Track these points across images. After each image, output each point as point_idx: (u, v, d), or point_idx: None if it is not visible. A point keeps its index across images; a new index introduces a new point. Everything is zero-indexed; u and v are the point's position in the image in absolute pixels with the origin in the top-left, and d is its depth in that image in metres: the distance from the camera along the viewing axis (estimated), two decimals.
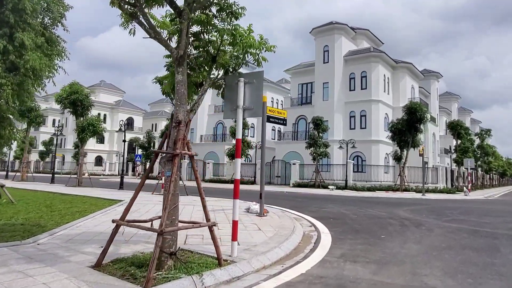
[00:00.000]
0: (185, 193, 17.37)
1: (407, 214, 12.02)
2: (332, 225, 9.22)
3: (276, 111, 10.69)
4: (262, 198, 10.05)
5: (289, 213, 11.54)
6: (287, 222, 8.80)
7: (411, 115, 27.43)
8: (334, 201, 17.36)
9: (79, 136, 22.03)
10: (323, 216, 10.99)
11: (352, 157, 33.18)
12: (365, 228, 8.72)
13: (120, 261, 4.68)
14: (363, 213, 11.91)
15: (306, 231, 8.35)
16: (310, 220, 10.10)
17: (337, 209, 13.26)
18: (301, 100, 38.19)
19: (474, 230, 8.79)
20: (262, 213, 9.96)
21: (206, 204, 4.91)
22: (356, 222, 9.82)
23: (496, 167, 59.55)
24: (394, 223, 9.73)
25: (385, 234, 7.96)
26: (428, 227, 9.02)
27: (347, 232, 8.13)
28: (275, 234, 7.13)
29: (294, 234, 7.36)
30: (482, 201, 21.42)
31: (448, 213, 12.58)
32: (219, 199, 15.98)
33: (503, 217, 12.03)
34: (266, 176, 35.41)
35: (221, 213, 10.12)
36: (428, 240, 7.33)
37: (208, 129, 44.88)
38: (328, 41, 35.16)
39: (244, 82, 5.46)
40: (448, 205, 16.87)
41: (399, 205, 15.50)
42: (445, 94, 66.15)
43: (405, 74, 36.86)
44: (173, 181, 4.30)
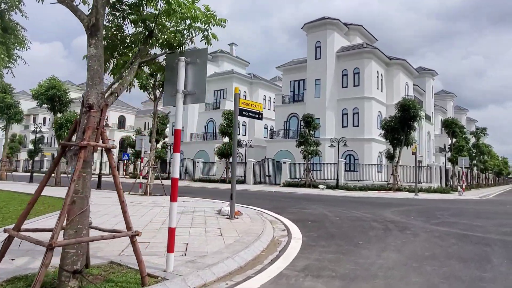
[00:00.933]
0: (163, 193, 16.50)
1: (394, 216, 11.15)
2: (308, 229, 8.34)
3: (250, 103, 9.78)
4: (233, 199, 9.15)
5: (267, 215, 10.68)
6: (257, 226, 7.91)
7: (404, 112, 26.59)
8: (320, 201, 16.49)
9: (57, 133, 21.03)
10: (302, 218, 10.11)
11: (344, 155, 32.37)
12: (343, 233, 7.84)
13: (19, 279, 3.76)
14: (347, 215, 11.04)
15: (276, 236, 7.47)
16: (286, 223, 9.22)
17: (320, 210, 12.38)
18: (293, 98, 37.30)
19: (464, 234, 7.93)
20: (232, 216, 9.06)
21: (127, 209, 3.98)
22: (336, 225, 8.95)
23: (491, 166, 58.95)
24: (377, 226, 8.85)
25: (364, 240, 7.09)
26: (413, 232, 8.15)
27: (321, 238, 7.24)
28: (236, 241, 6.23)
29: (259, 240, 6.47)
30: (476, 201, 20.62)
31: (438, 215, 11.72)
32: (199, 199, 15.09)
33: (497, 219, 11.19)
34: (256, 175, 34.57)
35: (189, 216, 9.21)
36: (411, 247, 6.46)
37: (199, 127, 43.94)
38: (320, 36, 34.29)
39: (185, 62, 4.54)
40: (440, 205, 16.04)
41: (388, 206, 14.65)
42: (441, 92, 65.45)
43: (399, 71, 36.04)
44: (74, 180, 3.38)
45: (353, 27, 37.41)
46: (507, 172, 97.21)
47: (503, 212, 13.81)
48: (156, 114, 17.10)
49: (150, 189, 16.24)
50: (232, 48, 50.41)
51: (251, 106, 9.79)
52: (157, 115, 17.15)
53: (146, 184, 16.10)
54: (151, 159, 16.56)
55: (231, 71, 43.73)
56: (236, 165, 9.42)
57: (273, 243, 6.74)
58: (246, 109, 9.64)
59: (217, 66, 46.88)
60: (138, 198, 14.59)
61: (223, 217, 9.21)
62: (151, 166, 16.39)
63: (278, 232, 7.91)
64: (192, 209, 10.74)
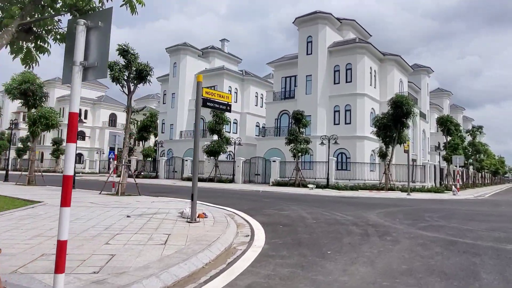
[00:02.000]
0: (137, 193, 15.48)
1: (378, 218, 10.17)
2: (276, 234, 7.35)
3: (216, 94, 8.75)
4: (194, 200, 8.14)
5: (238, 217, 9.70)
6: (216, 232, 6.90)
7: (397, 109, 25.63)
8: (305, 201, 15.50)
9: (30, 129, 19.96)
10: (274, 221, 9.12)
11: (336, 154, 31.40)
12: (314, 240, 6.84)
13: None
14: (326, 218, 10.04)
15: (236, 243, 6.48)
16: (254, 226, 8.24)
17: (299, 212, 11.39)
18: (284, 94, 36.27)
19: (451, 241, 6.94)
20: (193, 219, 8.05)
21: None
22: (309, 230, 7.95)
23: (488, 165, 58.17)
24: (355, 231, 7.86)
25: (334, 248, 6.09)
26: (394, 238, 7.16)
27: (286, 246, 6.24)
28: (177, 251, 5.22)
29: (208, 250, 5.47)
30: (471, 202, 19.69)
31: (427, 217, 10.74)
32: (173, 199, 14.07)
33: (490, 222, 10.22)
34: (246, 174, 33.58)
35: (144, 219, 8.18)
36: (387, 258, 5.46)
37: (189, 124, 42.85)
38: (312, 31, 33.27)
39: (85, 25, 3.51)
40: (432, 206, 15.07)
41: (375, 207, 13.67)
42: (437, 90, 64.63)
43: (393, 67, 35.06)
44: None
45: (346, 22, 36.40)
46: (503, 172, 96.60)
47: (497, 213, 12.85)
48: (130, 108, 16.06)
49: (123, 188, 15.22)
50: (224, 44, 49.31)
51: (218, 96, 8.76)
52: (131, 110, 16.10)
53: (118, 183, 15.08)
54: (124, 156, 15.52)
55: (222, 68, 42.67)
56: (198, 161, 8.41)
57: (227, 253, 5.75)
58: (212, 100, 8.61)
59: (208, 63, 45.80)
60: (107, 198, 13.56)
61: (183, 220, 8.21)
62: (123, 164, 15.36)
63: (240, 238, 6.91)
64: (155, 211, 9.72)
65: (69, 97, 3.48)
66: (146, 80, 15.72)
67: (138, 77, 15.69)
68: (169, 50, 43.51)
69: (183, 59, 42.49)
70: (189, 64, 43.02)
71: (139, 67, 15.36)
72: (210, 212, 9.96)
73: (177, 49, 42.72)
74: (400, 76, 36.95)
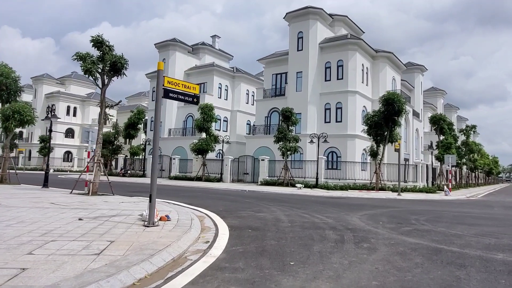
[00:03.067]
0: (111, 192, 14.63)
1: (360, 221, 9.39)
2: (241, 240, 6.55)
3: (181, 84, 7.91)
4: (152, 202, 7.30)
5: (207, 220, 8.91)
6: (170, 238, 6.08)
7: (388, 106, 24.92)
8: (288, 202, 14.72)
9: (3, 125, 19.00)
10: (245, 225, 8.32)
11: (327, 153, 30.68)
12: (280, 247, 6.04)
13: None
14: (303, 221, 9.25)
15: (190, 251, 5.68)
16: (220, 231, 7.44)
17: (277, 213, 10.59)
18: (274, 92, 35.48)
19: (435, 249, 6.17)
20: (150, 222, 7.22)
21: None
22: (279, 235, 7.15)
23: (481, 165, 57.72)
24: (330, 237, 7.07)
25: (300, 258, 5.29)
26: (372, 245, 6.38)
27: (245, 255, 5.44)
28: (108, 264, 4.39)
29: (148, 261, 4.65)
30: (462, 202, 19.01)
31: (413, 220, 9.98)
32: (145, 200, 13.20)
33: (481, 225, 9.48)
34: (234, 173, 32.77)
35: (97, 222, 7.34)
36: (356, 272, 4.67)
37: (178, 122, 41.93)
38: (303, 27, 32.47)
39: None
40: (420, 207, 14.35)
41: (361, 208, 12.92)
42: (431, 89, 64.16)
43: (386, 64, 34.36)
44: None
45: (337, 17, 35.65)
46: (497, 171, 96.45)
47: (488, 216, 12.13)
48: (104, 103, 15.18)
49: (95, 187, 14.36)
50: (215, 40, 48.37)
51: (183, 87, 7.92)
52: (105, 104, 15.22)
53: (90, 182, 14.21)
54: (96, 153, 14.64)
55: (212, 64, 41.77)
56: (157, 159, 7.58)
57: (173, 264, 4.93)
58: (175, 91, 7.77)
59: (198, 59, 44.87)
60: (75, 198, 12.70)
61: (141, 224, 7.38)
62: (96, 161, 14.49)
63: (197, 245, 6.10)
64: (116, 213, 8.88)
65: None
66: (121, 73, 14.85)
67: (112, 70, 14.82)
68: (158, 46, 42.55)
69: (172, 55, 41.54)
70: (179, 61, 42.09)
71: (112, 59, 14.48)
72: (178, 214, 9.15)
73: (166, 45, 41.77)
74: (393, 74, 36.27)
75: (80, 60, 14.57)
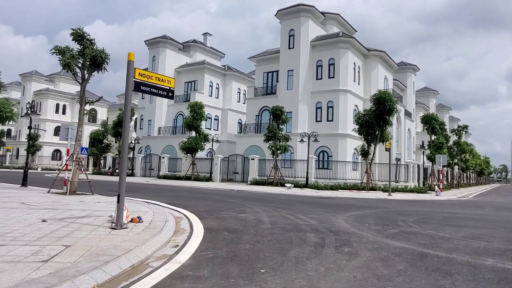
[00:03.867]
0: (90, 191, 14.09)
1: (345, 223, 8.97)
2: (213, 244, 6.09)
3: (154, 76, 7.42)
4: (121, 202, 6.81)
5: (184, 222, 8.44)
6: (135, 242, 5.60)
7: (380, 105, 24.58)
8: (274, 202, 14.28)
9: None
10: (223, 227, 7.86)
11: (318, 152, 30.31)
12: (254, 252, 5.58)
13: None
14: (286, 222, 8.81)
15: (155, 256, 5.20)
16: (194, 233, 6.99)
17: (260, 214, 10.14)
18: (265, 90, 35.02)
19: (421, 254, 5.75)
20: (118, 224, 6.73)
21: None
22: (256, 238, 6.69)
23: (473, 165, 57.80)
24: (310, 240, 6.63)
25: (273, 264, 4.84)
26: (353, 249, 5.95)
27: (214, 261, 4.97)
28: (52, 273, 3.90)
29: (101, 269, 4.17)
30: (453, 203, 18.71)
31: (400, 222, 9.59)
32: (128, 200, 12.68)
33: (470, 227, 9.10)
34: (224, 172, 32.28)
35: (63, 223, 6.83)
36: (332, 281, 4.23)
37: (168, 120, 41.32)
38: (294, 24, 32.05)
39: None
40: (410, 208, 13.98)
41: (348, 209, 12.52)
42: (423, 89, 64.18)
43: (378, 63, 34.06)
44: None
45: (330, 15, 35.29)
46: (488, 172, 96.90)
47: (478, 217, 11.78)
48: (84, 98, 14.62)
49: (73, 187, 13.80)
50: (206, 38, 47.80)
51: (156, 80, 7.43)
52: (84, 100, 14.64)
53: (68, 181, 13.65)
54: (75, 151, 14.08)
55: (203, 62, 41.20)
56: (126, 158, 7.09)
57: (130, 272, 4.45)
58: (147, 84, 7.28)
59: (189, 57, 44.27)
60: (51, 197, 12.15)
61: (108, 226, 6.89)
62: (74, 159, 13.93)
63: (165, 250, 5.63)
64: (86, 214, 8.37)
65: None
66: (101, 68, 14.29)
67: (93, 64, 14.26)
68: (148, 43, 41.89)
69: (163, 52, 40.92)
70: (169, 58, 41.47)
71: (92, 53, 13.91)
72: (154, 215, 8.66)
73: (156, 41, 41.13)
74: (385, 73, 36.00)
75: (59, 54, 14.00)
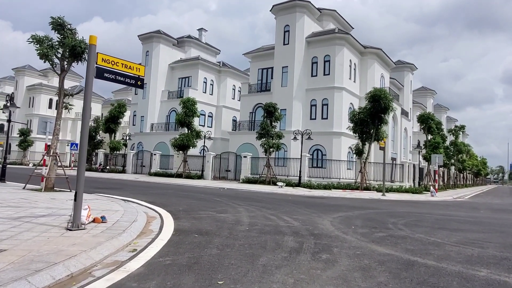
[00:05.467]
0: (67, 188, 13.44)
1: (330, 225, 8.35)
2: (177, 248, 5.46)
3: (120, 63, 6.76)
4: (78, 201, 6.17)
5: (156, 222, 7.81)
6: (85, 246, 4.97)
7: (375, 103, 23.98)
8: (261, 202, 13.65)
9: None
10: (196, 228, 7.23)
11: (312, 150, 29.71)
12: (219, 258, 4.95)
13: None
14: (266, 224, 8.19)
15: (104, 263, 4.56)
16: (161, 236, 6.38)
17: (241, 214, 9.51)
18: (260, 87, 34.37)
19: (407, 262, 5.13)
20: (75, 225, 6.09)
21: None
22: (227, 242, 6.06)
23: (470, 166, 57.32)
24: (287, 245, 6.01)
25: (235, 274, 4.21)
26: (332, 256, 5.32)
27: (168, 269, 4.34)
28: None
29: (25, 280, 3.53)
30: (448, 204, 18.14)
31: (390, 224, 8.98)
32: (100, 197, 12.04)
33: (464, 231, 8.50)
34: (216, 170, 31.64)
35: (14, 223, 6.18)
36: None
37: (161, 117, 40.61)
38: (289, 20, 31.39)
39: None
40: (403, 209, 13.39)
41: (337, 209, 11.90)
42: (421, 89, 63.65)
43: (374, 61, 33.44)
44: None
45: (326, 12, 34.63)
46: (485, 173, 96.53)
47: (474, 220, 11.18)
48: (62, 91, 13.95)
49: (50, 183, 13.15)
50: (201, 33, 47.05)
51: (123, 67, 6.77)
52: (63, 92, 13.96)
53: (45, 177, 13.00)
54: (52, 145, 13.41)
55: (197, 57, 40.49)
56: (85, 150, 6.44)
57: (67, 282, 3.82)
58: (112, 70, 6.62)
59: (183, 53, 43.54)
60: (23, 194, 11.51)
61: (64, 226, 6.25)
62: (51, 154, 13.27)
63: (119, 255, 4.99)
64: (48, 213, 7.73)
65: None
66: (81, 58, 13.61)
67: (72, 55, 13.58)
68: (141, 38, 41.14)
69: (156, 47, 40.20)
70: (163, 53, 40.75)
71: (72, 43, 13.23)
72: (124, 214, 8.03)
73: (150, 36, 40.40)
74: (382, 71, 35.40)
75: (37, 43, 13.32)
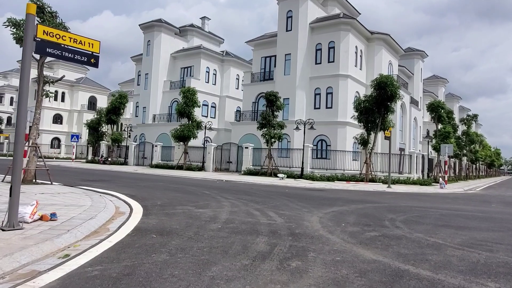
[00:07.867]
0: (48, 180, 12.72)
1: (317, 222, 7.41)
2: (121, 253, 4.59)
3: (68, 37, 5.85)
4: (13, 197, 5.33)
5: (121, 219, 6.97)
6: (4, 251, 4.12)
7: (381, 91, 22.79)
8: (253, 195, 12.75)
9: None
10: (159, 227, 6.37)
11: (316, 141, 28.66)
12: (162, 268, 4.06)
13: None
14: (245, 220, 7.27)
15: (15, 274, 3.72)
16: (112, 237, 5.49)
17: (222, 210, 8.62)
18: (263, 76, 33.27)
19: (395, 272, 4.17)
20: (12, 224, 5.26)
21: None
22: (187, 244, 5.17)
23: (483, 157, 55.51)
24: (255, 248, 5.09)
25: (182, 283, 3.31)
26: (304, 264, 4.38)
27: (90, 283, 3.47)
28: None
29: None
30: (457, 196, 17.00)
31: (387, 221, 7.99)
32: (79, 191, 11.28)
33: (471, 229, 7.46)
34: (218, 161, 30.83)
35: None
36: None
37: (163, 108, 39.84)
38: (292, 5, 30.11)
39: None
40: (406, 203, 12.35)
41: (333, 203, 10.94)
42: (432, 77, 61.69)
43: (382, 48, 32.01)
44: None
45: None
46: (499, 164, 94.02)
47: (483, 215, 10.10)
48: (42, 77, 13.14)
49: (29, 175, 12.45)
50: (204, 22, 45.97)
51: (71, 41, 5.86)
52: (42, 79, 13.16)
53: (25, 169, 12.29)
54: (32, 135, 12.68)
55: (199, 46, 39.47)
56: (23, 141, 5.59)
57: None
58: (56, 45, 5.72)
59: (186, 42, 42.55)
60: None
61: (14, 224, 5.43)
62: (30, 145, 12.54)
63: (42, 264, 4.13)
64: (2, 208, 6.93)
65: None
66: None
67: None
68: (143, 27, 40.25)
69: (158, 36, 39.28)
70: (164, 43, 39.83)
71: (51, 26, 12.38)
72: (88, 209, 7.22)
73: (151, 25, 39.47)
74: (390, 58, 33.95)
75: (13, 26, 12.54)
